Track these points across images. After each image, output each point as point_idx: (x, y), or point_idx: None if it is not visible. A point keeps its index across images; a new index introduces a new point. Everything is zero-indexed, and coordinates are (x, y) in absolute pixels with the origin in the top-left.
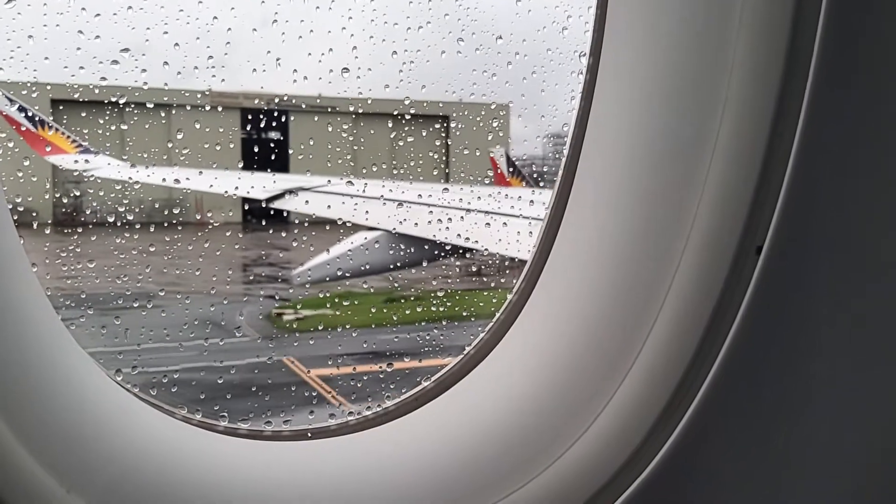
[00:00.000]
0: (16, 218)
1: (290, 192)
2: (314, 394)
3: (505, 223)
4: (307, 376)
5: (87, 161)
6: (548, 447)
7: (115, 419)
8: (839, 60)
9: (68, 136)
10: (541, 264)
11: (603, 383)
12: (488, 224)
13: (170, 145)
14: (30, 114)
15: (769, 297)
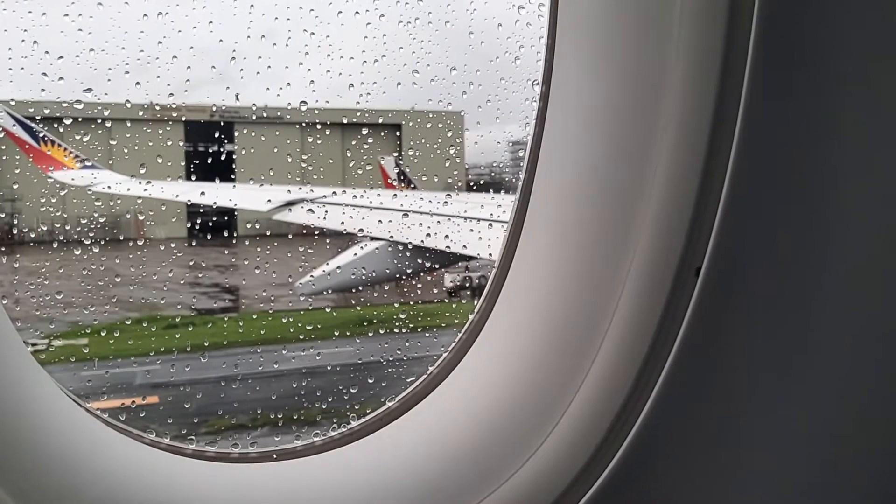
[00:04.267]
0: None
1: (292, 203)
2: None
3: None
4: None
5: (91, 176)
6: (507, 460)
7: (84, 446)
8: (769, 90)
9: (69, 152)
10: (500, 286)
11: (556, 399)
12: (491, 227)
13: (110, 161)
14: (33, 131)
15: (708, 314)
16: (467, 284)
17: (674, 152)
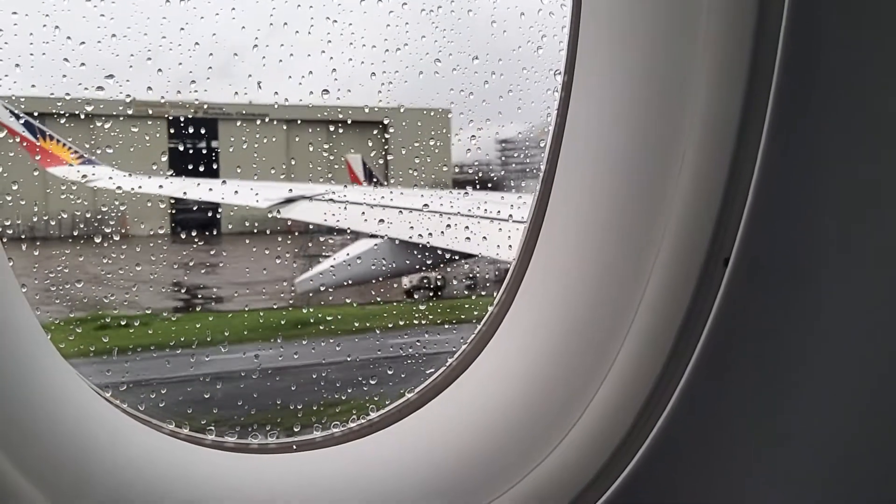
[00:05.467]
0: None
1: (292, 200)
2: None
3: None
4: None
5: (90, 171)
6: (529, 453)
7: (103, 434)
8: (800, 77)
9: (68, 147)
10: (521, 276)
11: (580, 391)
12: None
13: (95, 154)
14: (31, 125)
15: (736, 306)
16: (424, 285)
17: (702, 140)
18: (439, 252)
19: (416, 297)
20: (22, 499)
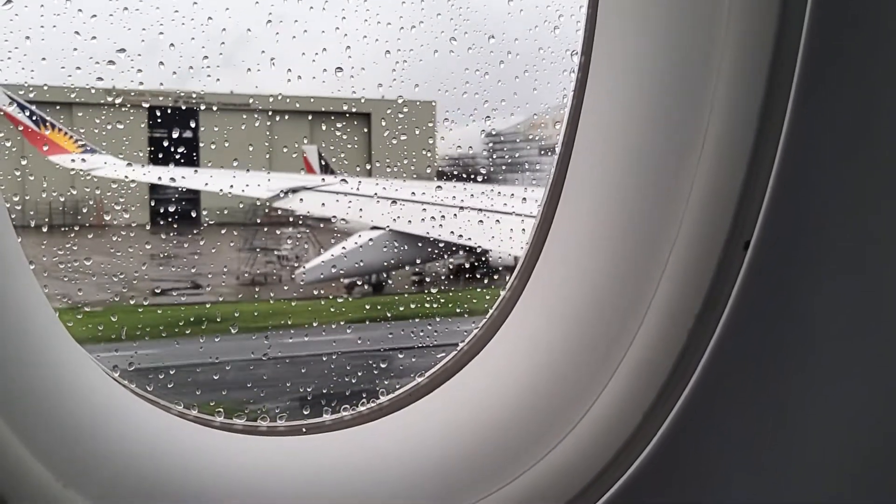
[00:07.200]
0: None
1: (293, 190)
2: None
3: (498, 220)
4: None
5: (89, 160)
6: (539, 441)
7: (112, 415)
8: (824, 58)
9: (70, 135)
10: (533, 261)
11: (593, 378)
12: (481, 221)
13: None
14: (31, 113)
15: (757, 290)
16: (364, 279)
17: (724, 122)
18: (441, 244)
19: (352, 292)
20: (33, 479)
